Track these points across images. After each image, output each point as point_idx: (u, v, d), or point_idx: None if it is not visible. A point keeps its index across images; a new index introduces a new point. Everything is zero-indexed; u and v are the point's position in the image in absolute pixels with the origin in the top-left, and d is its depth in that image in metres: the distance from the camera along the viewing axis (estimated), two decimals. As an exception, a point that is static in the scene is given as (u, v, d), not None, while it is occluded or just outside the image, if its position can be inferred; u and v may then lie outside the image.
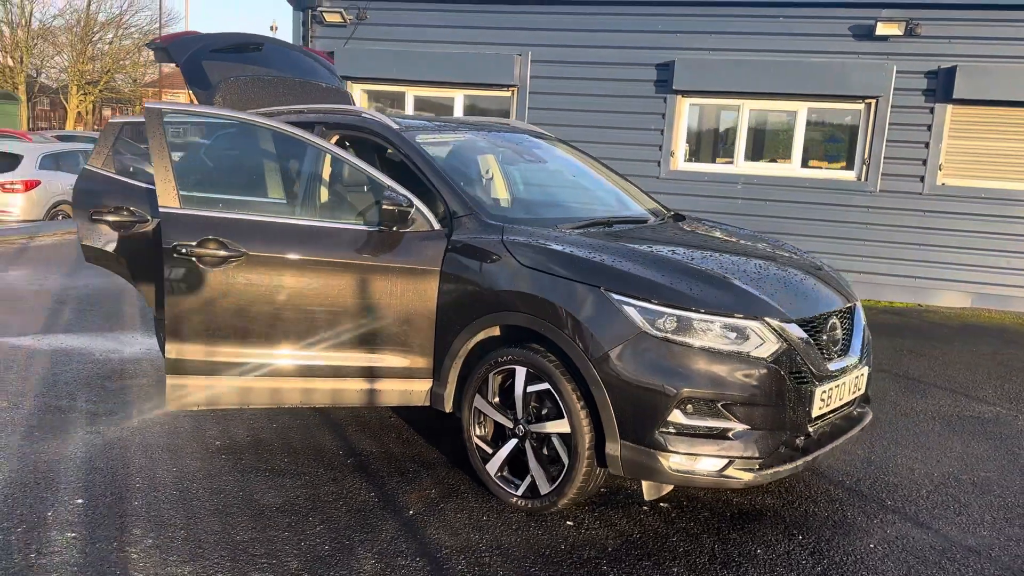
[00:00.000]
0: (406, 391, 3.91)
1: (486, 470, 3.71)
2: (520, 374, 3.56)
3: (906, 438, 4.73)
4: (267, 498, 3.63)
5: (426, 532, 3.39)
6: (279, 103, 4.88)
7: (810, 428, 3.47)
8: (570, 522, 3.51)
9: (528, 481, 3.58)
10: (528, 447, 3.57)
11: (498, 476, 3.68)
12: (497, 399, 3.70)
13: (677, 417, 3.23)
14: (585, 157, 5.18)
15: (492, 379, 3.67)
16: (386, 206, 3.70)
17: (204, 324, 3.78)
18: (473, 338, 3.72)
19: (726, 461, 3.25)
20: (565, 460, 3.45)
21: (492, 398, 3.69)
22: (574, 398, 3.39)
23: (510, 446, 3.63)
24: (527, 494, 3.58)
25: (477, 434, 3.76)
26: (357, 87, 10.46)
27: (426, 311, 3.80)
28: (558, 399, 3.44)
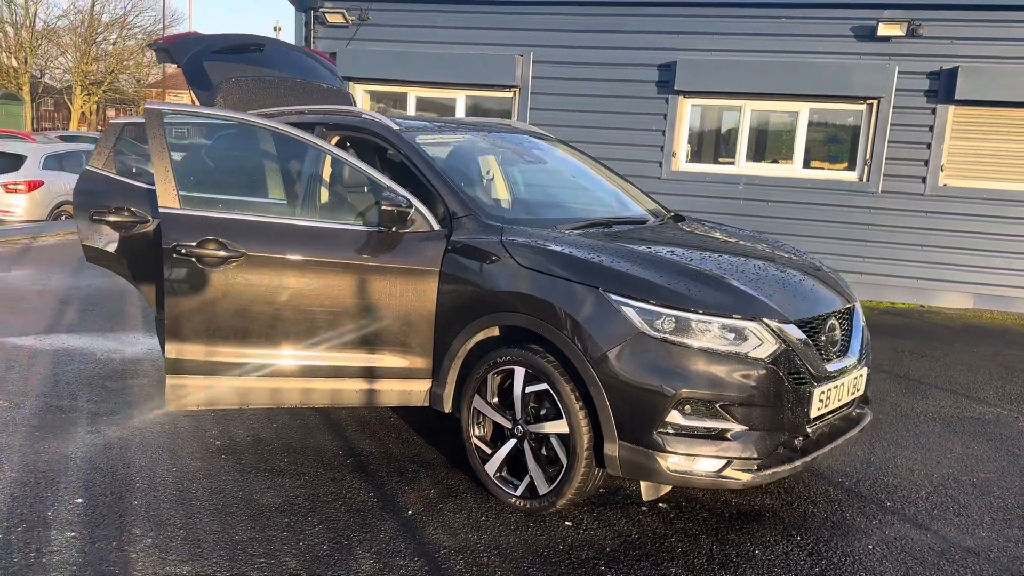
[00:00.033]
0: (405, 391, 3.92)
1: (485, 470, 3.71)
2: (519, 374, 3.56)
3: (906, 439, 4.73)
4: (266, 498, 3.64)
5: (425, 532, 3.39)
6: (280, 104, 4.89)
7: (809, 429, 3.47)
8: (568, 522, 3.52)
9: (527, 481, 3.58)
10: (527, 447, 3.58)
11: (497, 476, 3.68)
12: (496, 399, 3.70)
13: (675, 418, 3.23)
14: (585, 158, 5.18)
15: (491, 379, 3.68)
16: (385, 207, 3.70)
17: (204, 324, 3.79)
18: (472, 338, 3.73)
19: (724, 462, 3.26)
20: (564, 460, 3.46)
21: (491, 398, 3.70)
22: (572, 398, 3.40)
23: (509, 446, 3.63)
24: (526, 494, 3.58)
25: (476, 434, 3.77)
26: (359, 88, 10.48)
27: (425, 311, 3.81)
28: (557, 400, 3.45)
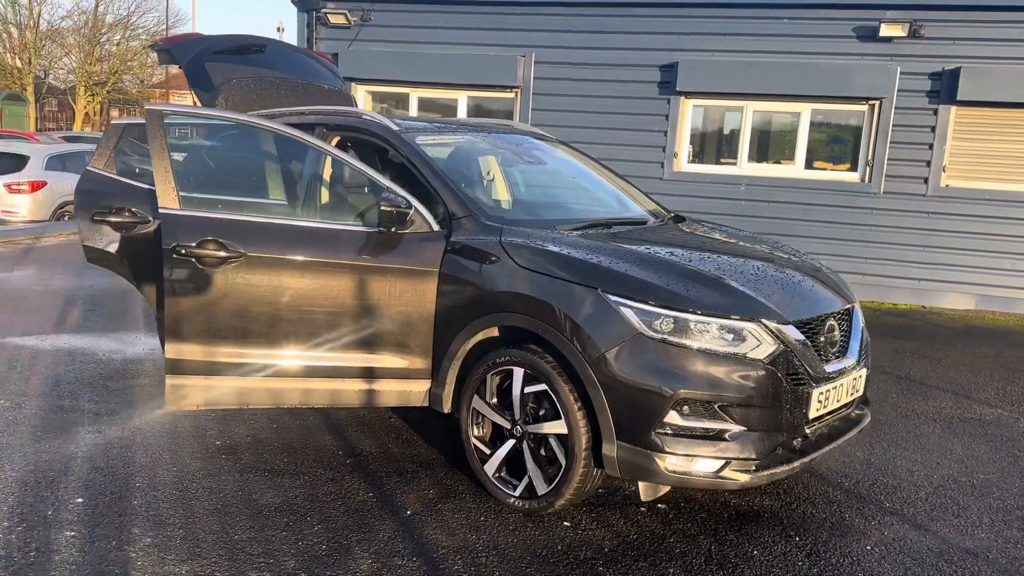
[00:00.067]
0: (405, 392, 3.92)
1: (484, 470, 3.72)
2: (518, 375, 3.57)
3: (906, 440, 4.72)
4: (266, 498, 3.64)
5: (423, 532, 3.40)
6: (281, 105, 4.90)
7: (807, 430, 3.47)
8: (567, 523, 3.52)
9: (525, 482, 3.58)
10: (526, 448, 3.58)
11: (496, 476, 3.69)
12: (495, 400, 3.71)
13: (673, 418, 3.23)
14: (585, 158, 5.18)
15: (490, 380, 3.68)
16: (384, 207, 3.71)
17: (203, 324, 3.80)
18: (471, 339, 3.73)
19: (723, 462, 3.26)
20: (562, 461, 3.46)
21: (490, 399, 3.70)
22: (571, 399, 3.40)
23: (508, 447, 3.64)
24: (525, 495, 3.58)
25: (475, 435, 3.77)
26: (361, 88, 10.49)
27: (425, 312, 3.81)
28: (555, 400, 3.45)
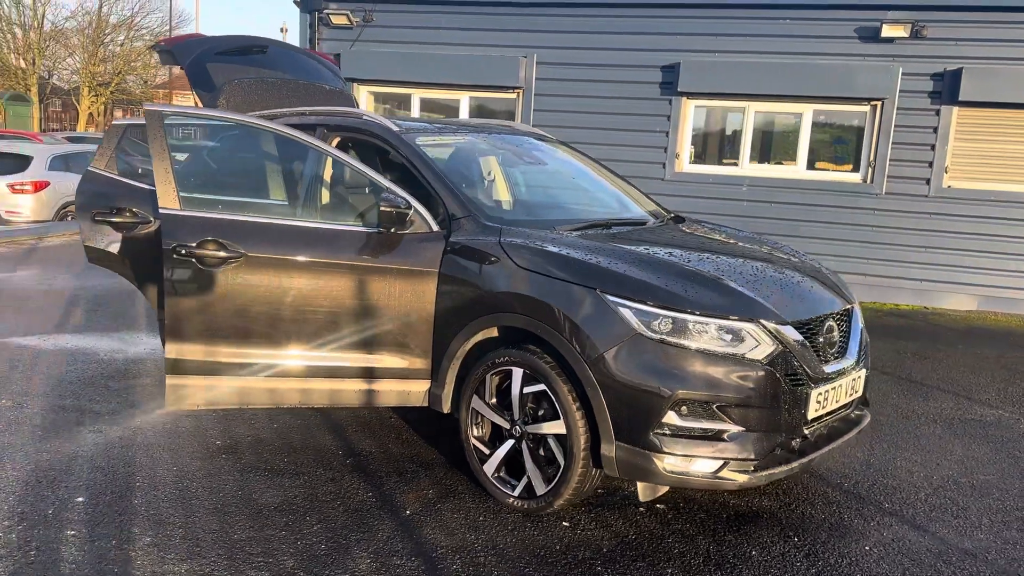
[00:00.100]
0: (404, 392, 3.93)
1: (483, 470, 3.73)
2: (517, 375, 3.57)
3: (906, 441, 4.72)
4: (265, 497, 3.65)
5: (422, 532, 3.40)
6: (283, 105, 4.91)
7: (806, 430, 3.47)
8: (566, 523, 3.52)
9: (524, 482, 3.59)
10: (525, 448, 3.59)
11: (495, 476, 3.69)
12: (494, 400, 3.71)
13: (672, 419, 3.24)
14: (586, 159, 5.19)
15: (489, 380, 3.69)
16: (384, 208, 3.72)
17: (203, 324, 3.81)
18: (471, 339, 3.74)
19: (721, 463, 3.26)
20: (561, 461, 3.47)
21: (489, 399, 3.71)
22: (570, 399, 3.40)
23: (507, 447, 3.65)
24: (524, 495, 3.59)
25: (474, 435, 3.78)
26: (363, 89, 10.51)
27: (424, 312, 3.82)
28: (554, 400, 3.45)
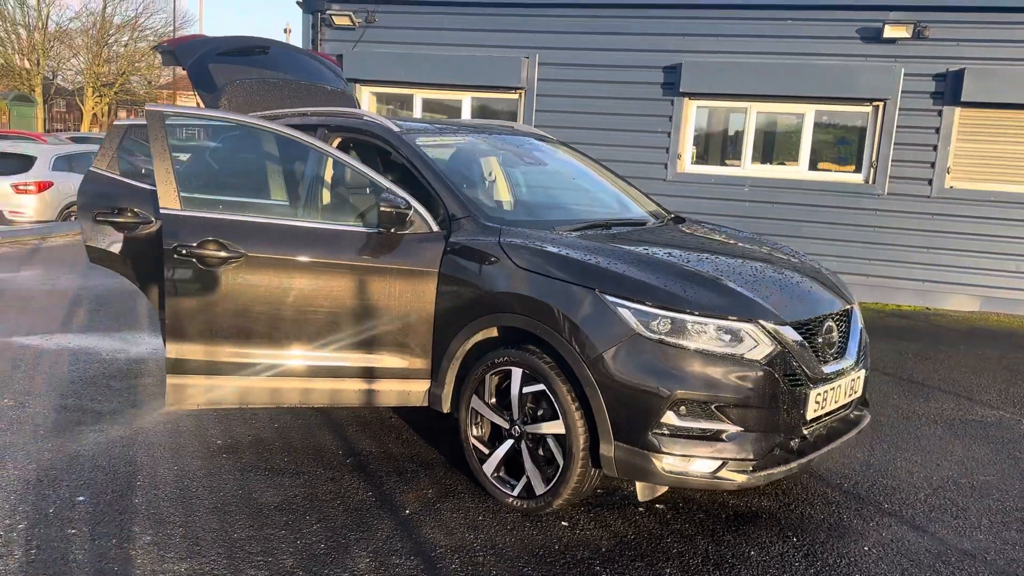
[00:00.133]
0: (404, 391, 3.94)
1: (482, 470, 3.73)
2: (516, 375, 3.58)
3: (907, 441, 4.72)
4: (265, 497, 3.66)
5: (422, 531, 3.41)
6: (284, 106, 4.93)
7: (805, 430, 3.48)
8: (565, 522, 3.53)
9: (524, 481, 3.59)
10: (524, 448, 3.59)
11: (494, 476, 3.70)
12: (494, 400, 3.72)
13: (671, 419, 3.24)
14: (586, 159, 5.19)
15: (489, 380, 3.70)
16: (384, 208, 3.72)
17: (204, 324, 3.82)
18: (470, 339, 3.75)
19: (720, 463, 3.26)
20: (560, 461, 3.47)
21: (489, 399, 3.72)
22: (569, 399, 3.41)
23: (506, 447, 3.65)
24: (523, 494, 3.60)
25: (474, 434, 3.78)
26: (366, 90, 10.52)
27: (424, 312, 3.83)
28: (553, 400, 3.46)
